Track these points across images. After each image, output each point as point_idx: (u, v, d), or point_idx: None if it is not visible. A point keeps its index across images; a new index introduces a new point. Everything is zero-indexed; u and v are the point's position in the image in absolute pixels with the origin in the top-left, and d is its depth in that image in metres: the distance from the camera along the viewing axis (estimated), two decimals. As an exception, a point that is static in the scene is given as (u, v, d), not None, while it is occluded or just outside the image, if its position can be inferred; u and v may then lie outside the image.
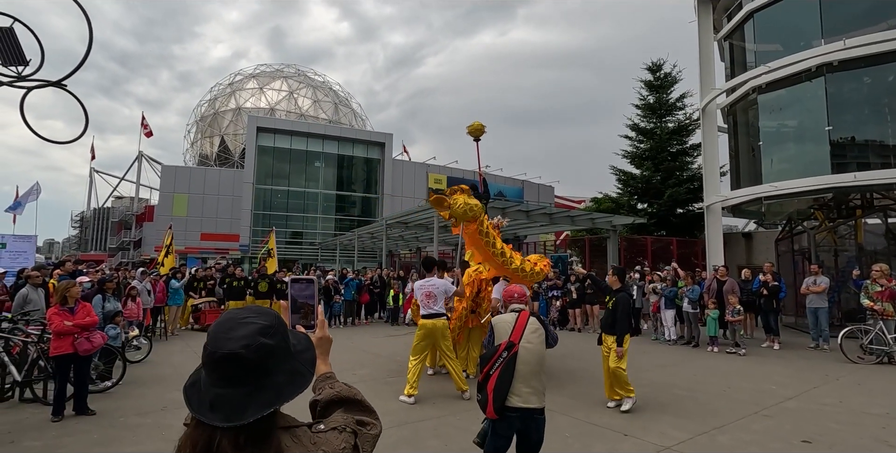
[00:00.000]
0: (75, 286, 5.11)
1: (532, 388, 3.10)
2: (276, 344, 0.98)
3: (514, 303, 3.55)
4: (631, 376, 6.97)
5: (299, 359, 1.06)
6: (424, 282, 6.14)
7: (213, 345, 0.94)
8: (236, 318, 0.99)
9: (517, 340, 3.19)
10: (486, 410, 3.15)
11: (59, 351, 4.83)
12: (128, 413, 5.12)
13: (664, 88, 19.61)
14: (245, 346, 0.93)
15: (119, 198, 57.39)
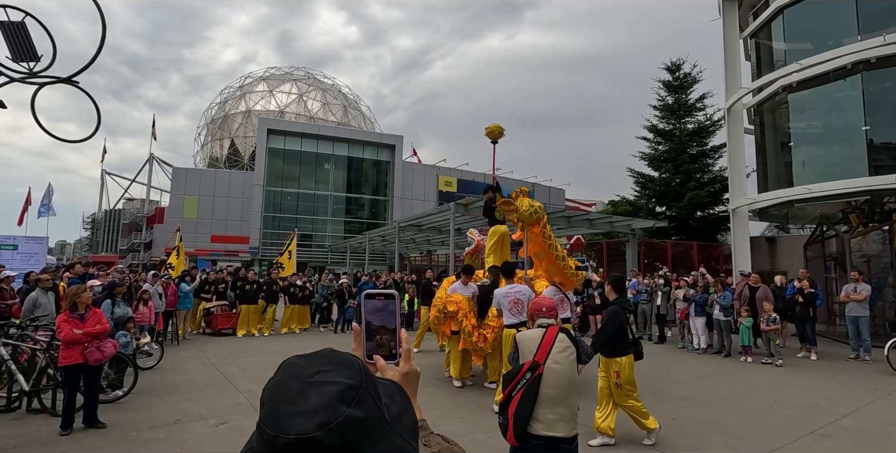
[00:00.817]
0: (86, 291, 4.83)
1: (558, 414, 2.73)
2: (367, 415, 0.62)
3: (542, 317, 3.16)
4: (665, 387, 6.62)
5: (397, 429, 0.69)
6: (510, 290, 5.75)
7: (273, 425, 0.59)
8: (302, 376, 0.64)
9: (542, 360, 2.82)
10: (506, 435, 2.81)
11: (69, 361, 4.55)
12: (140, 426, 4.82)
13: (683, 89, 19.19)
14: (323, 425, 0.58)
15: (130, 199, 57.76)
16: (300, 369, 0.65)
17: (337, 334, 12.13)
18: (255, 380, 6.83)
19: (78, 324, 4.67)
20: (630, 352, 4.44)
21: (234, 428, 4.83)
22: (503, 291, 5.81)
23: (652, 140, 19.69)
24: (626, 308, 4.54)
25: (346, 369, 0.66)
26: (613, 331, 4.42)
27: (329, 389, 0.61)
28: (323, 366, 0.66)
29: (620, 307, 4.49)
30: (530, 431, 2.70)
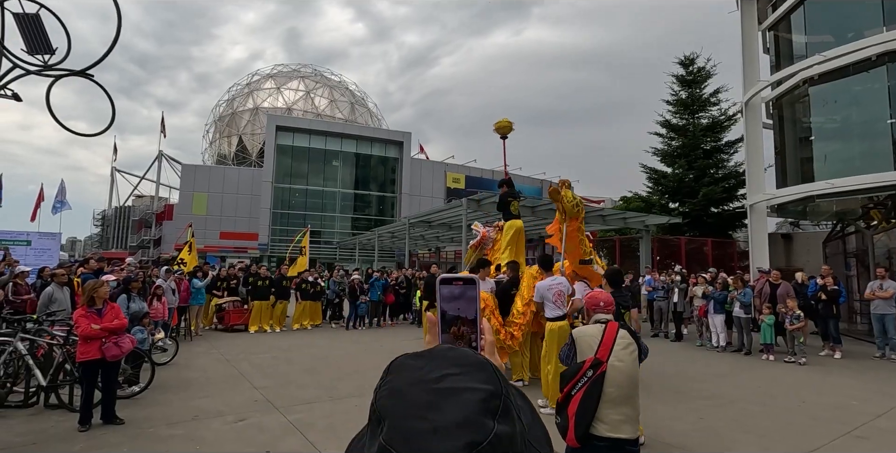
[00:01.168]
0: (104, 286, 4.76)
1: (623, 415, 2.62)
2: (513, 430, 0.48)
3: (599, 312, 3.05)
4: (686, 386, 6.48)
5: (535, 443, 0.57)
6: (553, 282, 5.61)
7: (405, 446, 0.45)
8: (427, 382, 0.51)
9: (605, 358, 2.71)
10: (566, 437, 2.67)
11: (86, 356, 4.48)
12: (157, 422, 4.76)
13: (697, 83, 18.89)
14: (472, 447, 0.44)
15: (139, 196, 58.20)
16: (420, 372, 0.53)
17: (349, 331, 12.05)
18: (269, 376, 6.77)
19: (96, 318, 4.61)
20: None
21: (252, 425, 4.75)
22: (546, 283, 5.67)
23: (665, 135, 19.43)
24: (621, 303, 4.22)
25: (478, 372, 0.53)
26: None
27: (467, 398, 0.49)
28: (448, 368, 0.53)
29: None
30: (593, 432, 2.58)
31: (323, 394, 5.88)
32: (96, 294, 4.69)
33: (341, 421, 4.86)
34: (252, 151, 48.68)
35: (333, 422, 4.83)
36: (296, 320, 12.05)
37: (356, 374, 6.99)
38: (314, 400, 5.61)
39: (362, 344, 9.69)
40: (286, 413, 5.10)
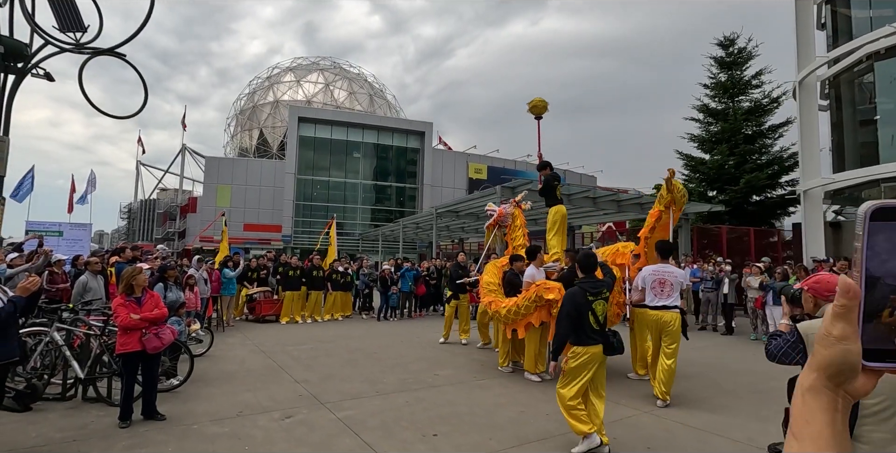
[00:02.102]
0: (142, 273, 4.47)
1: (890, 433, 1.91)
2: None
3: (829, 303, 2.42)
4: (762, 384, 5.89)
5: None
6: (659, 268, 5.44)
7: None
8: None
9: None
10: None
11: (126, 348, 4.20)
12: (201, 418, 4.46)
13: (738, 65, 17.95)
14: None
15: (164, 190, 59.12)
16: None
17: (380, 322, 11.76)
18: (309, 369, 6.47)
19: (135, 308, 4.32)
20: (596, 343, 3.82)
21: (301, 422, 4.42)
22: (650, 270, 5.48)
23: (702, 120, 18.57)
24: (589, 290, 3.86)
25: None
26: (568, 317, 3.84)
27: None
28: None
29: (580, 289, 3.91)
30: None
31: (368, 389, 5.54)
32: (135, 281, 4.40)
33: (393, 419, 4.51)
34: (273, 144, 48.88)
35: (386, 421, 4.48)
36: (327, 311, 11.81)
37: (398, 367, 6.65)
38: (361, 395, 5.27)
39: (398, 336, 9.37)
40: (334, 409, 4.76)
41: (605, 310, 3.92)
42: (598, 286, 3.96)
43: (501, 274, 6.94)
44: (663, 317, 5.24)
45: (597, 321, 3.82)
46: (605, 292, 3.97)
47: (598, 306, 3.86)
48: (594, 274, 4.04)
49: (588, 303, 3.82)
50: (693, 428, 4.36)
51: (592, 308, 3.81)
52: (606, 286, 4.04)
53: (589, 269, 4.06)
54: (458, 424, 4.39)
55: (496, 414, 4.70)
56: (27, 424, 4.23)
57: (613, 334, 3.90)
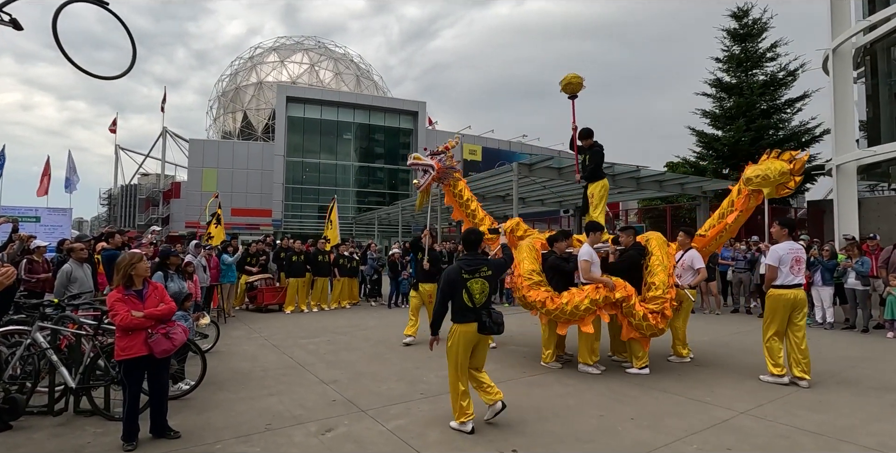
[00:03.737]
0: (143, 261, 3.62)
1: None
2: None
3: None
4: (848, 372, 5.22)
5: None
6: (792, 246, 5.12)
7: None
8: None
9: None
10: None
11: (129, 353, 3.37)
12: (223, 434, 3.68)
13: (753, 37, 17.19)
14: None
15: (145, 175, 57.12)
16: None
17: (391, 309, 11.02)
18: (333, 367, 5.70)
19: (137, 303, 3.48)
20: (470, 321, 3.75)
21: (346, 437, 3.67)
22: (785, 247, 5.09)
23: (715, 96, 17.86)
24: (464, 267, 3.78)
25: None
26: (441, 293, 3.83)
27: None
28: None
29: (456, 265, 3.85)
30: None
31: (409, 390, 4.80)
32: (135, 271, 3.55)
33: (456, 431, 3.77)
34: (258, 127, 47.28)
35: (447, 432, 3.74)
36: (334, 299, 11.02)
37: (431, 362, 5.88)
38: (405, 399, 4.53)
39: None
40: (381, 419, 4.01)
41: (485, 288, 3.79)
42: (476, 264, 3.82)
43: (540, 258, 6.09)
44: (798, 295, 5.04)
45: (471, 299, 3.73)
46: (483, 269, 3.82)
47: (475, 284, 3.76)
48: (476, 251, 3.96)
49: (463, 280, 3.75)
50: (808, 432, 3.71)
51: (467, 286, 3.73)
52: (487, 264, 3.87)
53: (470, 246, 3.98)
54: (534, 435, 3.68)
55: (572, 420, 4.00)
56: (8, 448, 3.41)
57: (488, 314, 3.75)
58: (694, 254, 5.92)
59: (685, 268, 5.90)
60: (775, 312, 5.04)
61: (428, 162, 6.21)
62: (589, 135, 6.67)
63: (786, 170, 5.20)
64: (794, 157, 5.27)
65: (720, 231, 5.88)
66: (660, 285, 5.28)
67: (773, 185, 5.27)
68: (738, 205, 5.56)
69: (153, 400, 3.61)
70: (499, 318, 3.81)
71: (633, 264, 5.52)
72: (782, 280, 5.06)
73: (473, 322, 3.74)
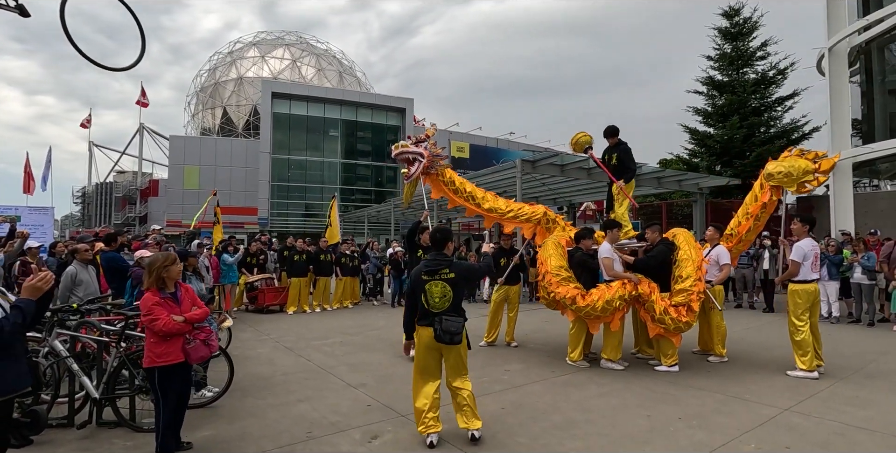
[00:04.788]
0: (177, 263, 3.39)
1: None
2: None
3: None
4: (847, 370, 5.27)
5: None
6: (813, 243, 5.32)
7: None
8: None
9: None
10: None
11: (167, 359, 3.15)
12: (265, 445, 3.49)
13: (744, 36, 17.44)
14: None
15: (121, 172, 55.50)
16: None
17: (395, 308, 10.84)
18: (356, 369, 5.52)
19: (174, 307, 3.26)
20: (427, 325, 3.44)
21: (395, 444, 3.51)
22: (808, 245, 5.25)
23: (707, 93, 18.09)
24: (423, 269, 3.51)
25: None
26: (406, 296, 3.74)
27: None
28: None
29: (419, 267, 3.59)
30: None
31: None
32: (167, 273, 3.31)
33: (504, 433, 3.66)
34: (238, 123, 46.27)
35: (496, 435, 3.63)
36: (336, 298, 10.79)
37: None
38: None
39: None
40: (425, 423, 3.86)
41: (446, 292, 3.43)
42: (437, 265, 3.49)
43: (567, 254, 6.00)
44: (816, 290, 5.26)
45: (427, 302, 3.43)
46: (444, 271, 3.48)
47: (434, 287, 3.44)
48: (441, 250, 3.60)
49: (422, 282, 3.48)
50: (861, 428, 3.70)
51: (426, 288, 3.45)
52: (450, 266, 3.50)
53: (437, 244, 3.65)
54: (586, 438, 3.59)
55: (621, 421, 3.92)
56: (32, 466, 3.17)
57: (440, 321, 3.35)
58: (721, 249, 5.91)
59: (711, 264, 5.89)
60: (804, 306, 5.11)
61: (416, 150, 5.69)
62: (614, 133, 6.57)
63: (810, 169, 5.25)
64: (818, 157, 5.33)
65: (749, 227, 5.88)
66: (686, 278, 5.27)
67: (795, 183, 5.32)
68: (764, 199, 5.57)
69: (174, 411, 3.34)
70: (451, 327, 3.34)
71: (664, 259, 5.48)
72: (804, 275, 5.19)
73: (430, 327, 3.40)
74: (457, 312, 3.46)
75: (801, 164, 5.28)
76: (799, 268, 5.18)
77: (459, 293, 3.51)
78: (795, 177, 5.27)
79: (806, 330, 5.11)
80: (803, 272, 5.18)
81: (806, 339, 5.07)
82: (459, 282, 3.50)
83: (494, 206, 6.16)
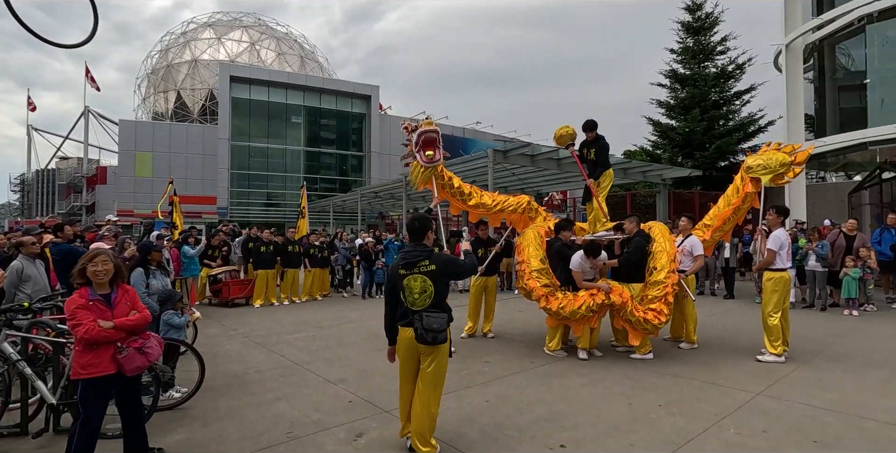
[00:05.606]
0: (105, 258, 2.92)
1: None
2: None
3: None
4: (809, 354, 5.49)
5: None
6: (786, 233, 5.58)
7: None
8: None
9: None
10: None
11: (92, 371, 2.74)
12: (243, 446, 3.31)
13: (705, 30, 17.92)
14: None
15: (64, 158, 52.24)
16: None
17: (366, 300, 10.66)
18: (333, 364, 5.37)
19: (104, 310, 2.85)
20: (408, 325, 3.15)
21: (380, 442, 3.41)
22: (784, 234, 5.42)
23: (670, 86, 18.54)
24: (400, 263, 3.20)
25: None
26: (385, 293, 3.41)
27: None
28: None
29: (396, 260, 3.31)
30: None
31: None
32: (96, 270, 2.86)
33: (491, 426, 3.62)
34: (193, 108, 44.17)
35: (484, 429, 3.59)
36: (306, 291, 10.50)
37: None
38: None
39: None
40: (411, 419, 3.77)
41: (426, 286, 3.09)
42: (416, 257, 3.15)
43: (545, 244, 5.99)
44: (790, 277, 5.58)
45: (406, 299, 3.12)
46: (424, 264, 3.12)
47: (413, 281, 3.10)
48: (420, 240, 3.25)
49: (400, 277, 3.14)
50: (829, 411, 3.87)
51: (404, 283, 3.12)
52: (430, 258, 3.15)
53: (415, 234, 3.27)
54: (574, 428, 3.59)
55: (605, 410, 3.95)
56: (-16, 481, 2.89)
57: (420, 318, 3.04)
58: (694, 240, 6.05)
59: (685, 254, 6.02)
60: (779, 293, 5.30)
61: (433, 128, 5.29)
62: (593, 127, 6.49)
63: (787, 161, 5.43)
64: (795, 150, 5.53)
65: (727, 218, 6.00)
66: (661, 269, 5.38)
67: (772, 174, 5.48)
68: (745, 192, 5.72)
69: (129, 428, 2.99)
70: (434, 324, 3.03)
71: (642, 251, 5.56)
72: (780, 263, 5.38)
73: (411, 326, 3.11)
74: (440, 308, 3.13)
75: (778, 157, 5.45)
76: (775, 256, 5.35)
77: (441, 287, 3.16)
78: (773, 169, 5.44)
79: (778, 316, 5.31)
80: (780, 260, 5.38)
81: (779, 325, 5.28)
82: (441, 275, 3.15)
83: (480, 202, 6.10)
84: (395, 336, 3.28)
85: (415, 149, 5.40)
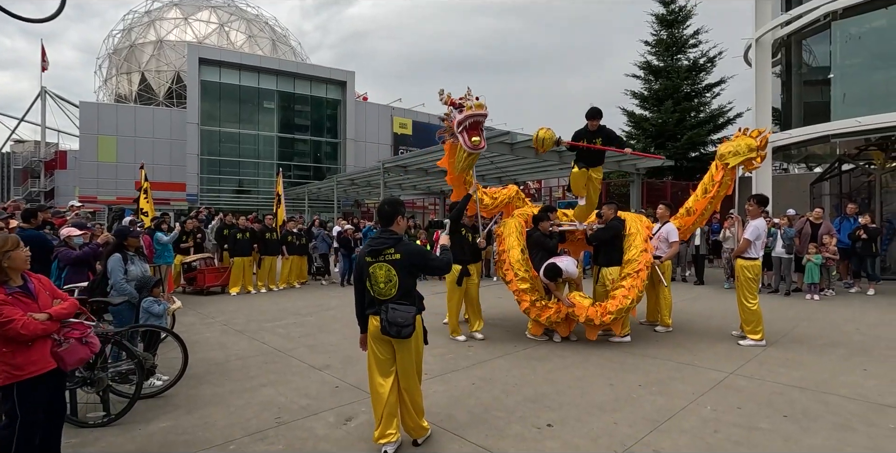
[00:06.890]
0: (20, 247, 2.69)
1: None
2: None
3: None
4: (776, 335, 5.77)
5: None
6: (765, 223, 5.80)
7: None
8: None
9: None
10: None
11: (33, 370, 2.57)
12: (232, 432, 3.29)
13: (679, 23, 18.23)
14: None
15: (20, 141, 49.57)
16: None
17: (345, 287, 10.62)
18: (317, 351, 5.35)
19: (30, 303, 2.63)
20: (375, 314, 3.03)
21: (368, 425, 3.42)
22: (763, 224, 5.53)
23: (644, 78, 18.85)
24: (366, 250, 3.07)
25: None
26: (354, 282, 3.23)
27: None
28: None
29: (364, 247, 3.17)
30: None
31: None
32: (10, 263, 2.62)
33: (480, 408, 3.70)
34: (159, 91, 42.47)
35: (473, 411, 3.66)
36: (283, 278, 10.38)
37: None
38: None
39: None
40: (400, 402, 3.81)
41: (391, 276, 2.95)
42: (382, 244, 2.98)
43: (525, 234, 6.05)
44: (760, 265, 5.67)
45: (372, 289, 3.00)
46: (390, 252, 2.96)
47: (379, 270, 2.97)
48: (390, 226, 3.09)
49: (366, 264, 3.02)
50: (795, 387, 4.09)
51: (370, 271, 2.99)
52: (396, 246, 2.98)
53: (385, 219, 3.09)
54: (559, 409, 3.70)
55: (588, 391, 4.08)
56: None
57: (385, 310, 2.90)
58: (671, 227, 6.23)
59: (661, 240, 6.21)
60: (754, 280, 5.51)
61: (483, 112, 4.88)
62: (598, 115, 5.87)
63: (753, 146, 5.60)
64: (760, 134, 5.71)
65: (705, 205, 6.14)
66: (633, 249, 5.58)
67: (742, 160, 5.63)
68: (718, 178, 5.87)
69: (48, 438, 2.74)
70: (398, 318, 2.87)
71: (616, 233, 5.73)
72: (754, 253, 5.59)
73: (377, 316, 2.98)
74: (406, 300, 2.96)
75: (746, 142, 5.61)
76: (750, 245, 5.55)
77: (407, 277, 2.99)
78: (742, 154, 5.58)
79: (757, 302, 5.52)
80: (755, 249, 5.57)
81: (757, 310, 5.48)
82: (406, 265, 2.98)
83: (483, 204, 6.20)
84: (366, 324, 3.13)
85: (457, 129, 4.99)
